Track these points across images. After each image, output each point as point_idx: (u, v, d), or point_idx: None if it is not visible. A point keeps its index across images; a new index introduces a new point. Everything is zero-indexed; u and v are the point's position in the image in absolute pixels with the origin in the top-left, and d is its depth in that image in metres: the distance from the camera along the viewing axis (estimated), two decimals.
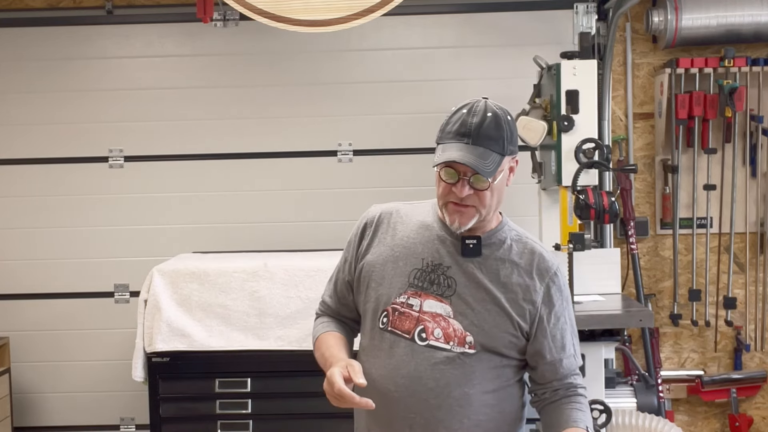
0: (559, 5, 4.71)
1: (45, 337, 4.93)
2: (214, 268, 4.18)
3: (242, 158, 4.90)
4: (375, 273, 2.31)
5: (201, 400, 4.16)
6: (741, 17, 4.62)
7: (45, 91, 4.90)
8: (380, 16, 3.56)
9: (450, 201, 2.20)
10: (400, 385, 2.23)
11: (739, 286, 4.91)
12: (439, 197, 2.23)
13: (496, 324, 2.22)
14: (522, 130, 4.02)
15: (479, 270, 2.24)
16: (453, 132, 2.17)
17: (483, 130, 2.14)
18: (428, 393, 2.22)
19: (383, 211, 2.39)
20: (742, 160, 4.86)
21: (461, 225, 2.20)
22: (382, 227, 2.35)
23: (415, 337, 2.22)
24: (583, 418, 2.25)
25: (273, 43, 4.80)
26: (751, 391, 4.91)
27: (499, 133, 2.16)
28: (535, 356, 2.28)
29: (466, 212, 2.19)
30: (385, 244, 2.32)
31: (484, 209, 2.20)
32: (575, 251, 3.83)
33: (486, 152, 2.14)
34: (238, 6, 3.57)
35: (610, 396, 3.84)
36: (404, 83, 4.83)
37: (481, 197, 2.18)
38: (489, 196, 2.18)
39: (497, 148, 2.16)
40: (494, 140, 2.15)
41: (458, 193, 2.16)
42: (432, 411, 2.22)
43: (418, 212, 2.35)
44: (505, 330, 2.23)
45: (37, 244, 4.94)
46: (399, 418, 2.23)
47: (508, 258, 2.26)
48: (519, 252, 2.28)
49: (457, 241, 2.26)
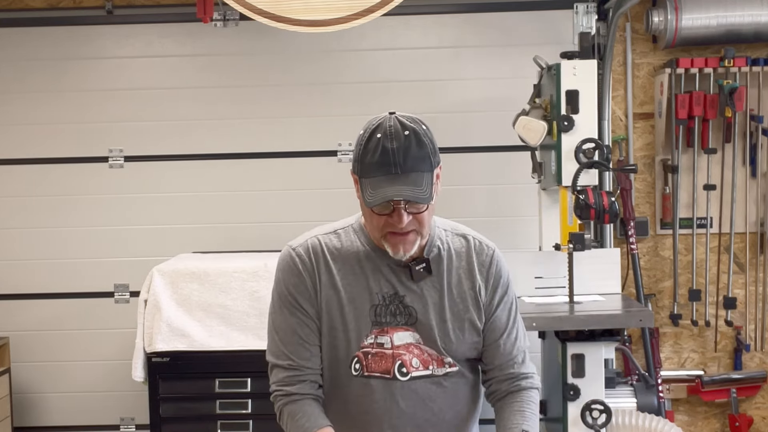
0: (559, 5, 4.71)
1: (45, 337, 4.93)
2: (214, 268, 4.18)
3: (242, 158, 4.91)
4: (332, 320, 2.16)
5: (201, 400, 4.16)
6: (741, 17, 4.62)
7: (45, 91, 4.90)
8: (380, 16, 3.56)
9: (388, 232, 2.08)
10: (396, 426, 2.18)
11: (739, 286, 4.91)
12: (375, 230, 2.11)
13: (462, 336, 2.20)
14: (522, 130, 4.02)
15: (432, 288, 2.18)
16: (376, 163, 2.02)
17: (409, 155, 2.01)
18: (425, 423, 2.20)
19: (311, 249, 2.20)
20: (742, 160, 4.86)
21: (406, 252, 2.10)
22: (320, 268, 2.18)
23: (396, 374, 2.15)
24: (520, 421, 2.20)
25: (273, 43, 4.80)
26: (751, 391, 4.91)
27: (424, 152, 2.04)
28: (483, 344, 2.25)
29: (408, 239, 2.09)
30: (332, 287, 2.17)
31: (425, 229, 2.11)
32: (575, 251, 3.83)
33: (418, 176, 2.02)
34: (238, 6, 3.57)
35: (610, 396, 3.84)
36: (404, 83, 4.83)
37: (420, 220, 2.08)
38: (427, 216, 2.09)
39: (426, 167, 2.04)
40: (421, 160, 2.03)
41: (398, 224, 2.04)
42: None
43: (348, 243, 2.20)
44: (471, 338, 2.21)
45: (36, 244, 4.94)
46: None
47: (452, 265, 2.21)
48: (458, 252, 2.22)
49: (404, 268, 2.16)
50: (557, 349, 3.81)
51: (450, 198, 4.88)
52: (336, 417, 2.21)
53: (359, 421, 2.20)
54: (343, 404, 2.21)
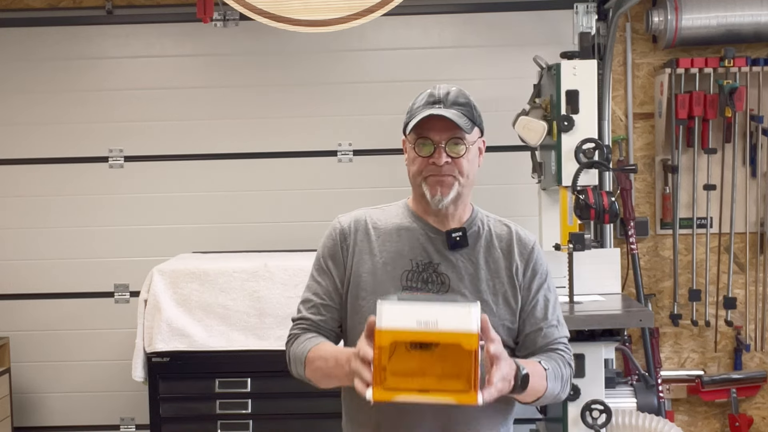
0: (559, 5, 4.71)
1: (45, 337, 4.93)
2: (214, 268, 4.18)
3: (242, 158, 4.91)
4: (364, 283, 2.23)
5: (201, 400, 4.16)
6: (741, 17, 4.62)
7: (45, 91, 4.90)
8: (380, 16, 3.56)
9: (428, 175, 2.20)
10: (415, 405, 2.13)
11: (739, 286, 4.91)
12: (416, 175, 2.22)
13: (493, 312, 2.21)
14: (522, 130, 4.02)
15: (468, 261, 2.24)
16: (423, 104, 2.22)
17: (451, 97, 2.22)
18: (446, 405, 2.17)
19: (354, 219, 2.32)
20: (742, 160, 4.86)
21: (443, 195, 2.19)
22: (359, 236, 2.28)
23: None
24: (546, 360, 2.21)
25: (273, 43, 4.80)
26: (751, 391, 4.91)
27: (468, 101, 2.24)
28: (520, 328, 2.26)
29: (446, 182, 2.19)
30: (368, 252, 2.26)
31: (463, 178, 2.20)
32: (575, 251, 3.83)
33: (459, 115, 2.18)
34: (238, 6, 3.57)
35: (610, 396, 3.83)
36: (404, 83, 4.82)
37: (459, 165, 2.19)
38: (466, 165, 2.20)
39: (468, 113, 2.21)
40: (464, 106, 2.22)
41: (437, 162, 2.17)
42: (451, 414, 2.18)
43: (392, 216, 2.31)
44: (502, 317, 2.23)
45: (37, 244, 4.94)
46: (417, 423, 2.18)
47: (491, 243, 2.27)
48: (498, 235, 2.29)
49: (442, 237, 2.24)
50: None
51: None
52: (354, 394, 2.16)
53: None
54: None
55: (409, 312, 1.87)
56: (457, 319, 1.86)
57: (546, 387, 2.17)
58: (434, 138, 2.18)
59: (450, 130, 2.18)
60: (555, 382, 2.21)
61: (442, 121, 2.17)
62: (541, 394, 2.18)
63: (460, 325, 1.85)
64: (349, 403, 2.31)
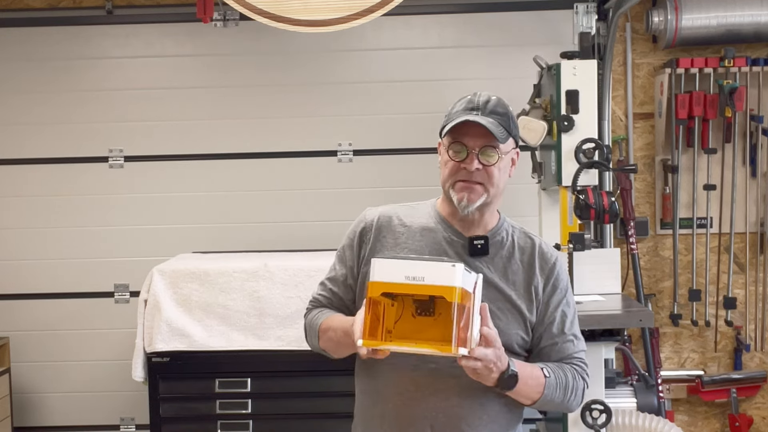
0: (559, 5, 4.71)
1: (45, 337, 4.93)
2: (214, 268, 4.18)
3: (242, 158, 4.91)
4: None
5: (201, 400, 4.16)
6: (741, 17, 4.62)
7: (45, 91, 4.90)
8: (380, 16, 3.56)
9: (458, 179, 2.22)
10: (420, 385, 2.21)
11: (739, 286, 4.91)
12: (447, 178, 2.24)
13: (508, 322, 2.23)
14: (522, 130, 4.01)
15: (488, 269, 2.24)
16: (461, 110, 2.24)
17: (490, 106, 2.23)
18: (449, 391, 2.21)
19: (381, 214, 2.36)
20: (742, 160, 4.86)
21: (470, 202, 2.22)
22: (383, 231, 2.32)
23: None
24: (553, 368, 2.24)
25: (273, 43, 4.80)
26: (751, 391, 4.91)
27: (506, 111, 2.25)
28: (536, 342, 2.29)
29: (475, 189, 2.21)
30: (389, 248, 2.29)
31: (492, 188, 2.22)
32: (575, 251, 3.83)
33: (496, 124, 2.20)
34: (238, 6, 3.57)
35: (610, 396, 3.83)
36: (404, 83, 4.83)
37: (489, 174, 2.21)
38: (497, 174, 2.22)
39: (505, 123, 2.23)
40: (501, 116, 2.23)
41: (468, 167, 2.19)
42: (454, 408, 2.21)
43: (419, 215, 2.34)
44: (516, 329, 2.25)
45: (37, 244, 4.94)
46: (420, 417, 2.21)
47: (513, 255, 2.29)
48: (521, 247, 2.31)
49: (464, 242, 2.26)
50: None
51: None
52: (363, 372, 2.29)
53: (387, 374, 2.23)
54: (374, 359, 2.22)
55: (400, 268, 2.02)
56: (441, 275, 1.99)
57: (542, 393, 2.21)
58: (468, 144, 2.20)
59: (484, 137, 2.20)
60: (558, 392, 2.24)
61: (478, 128, 2.20)
62: (535, 398, 2.21)
63: (444, 280, 1.99)
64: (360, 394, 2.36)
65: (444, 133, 2.23)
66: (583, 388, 2.32)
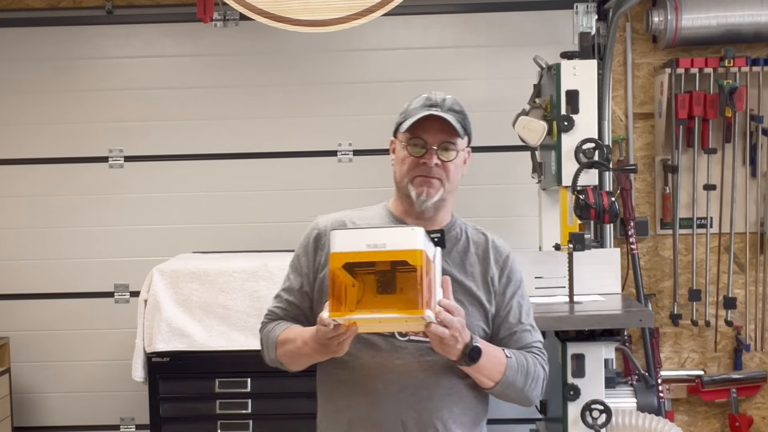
0: (559, 5, 4.71)
1: (45, 337, 4.93)
2: (214, 268, 4.18)
3: (242, 158, 4.91)
4: None
5: (201, 400, 4.16)
6: (741, 17, 4.62)
7: (45, 91, 4.90)
8: (380, 16, 3.56)
9: (417, 175, 2.25)
10: (388, 381, 2.22)
11: (739, 286, 4.91)
12: (405, 174, 2.28)
13: (470, 314, 2.26)
14: (522, 130, 4.02)
15: (445, 262, 2.27)
16: (419, 106, 2.28)
17: (448, 103, 2.28)
18: (418, 385, 2.23)
19: (334, 219, 2.39)
20: (742, 160, 4.86)
21: (428, 197, 2.26)
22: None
23: (395, 333, 2.23)
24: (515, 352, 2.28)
25: (273, 43, 4.80)
26: (751, 391, 4.91)
27: (462, 109, 2.30)
28: (494, 332, 2.32)
29: (433, 183, 2.25)
30: None
31: (449, 183, 2.27)
32: (575, 251, 3.82)
33: (453, 120, 2.25)
34: (238, 6, 3.58)
35: (610, 396, 3.83)
36: (404, 83, 4.82)
37: (447, 169, 2.25)
38: (453, 170, 2.26)
39: (462, 121, 2.28)
40: (459, 113, 2.28)
41: (428, 162, 2.23)
42: (423, 403, 2.23)
43: (371, 217, 2.37)
44: (479, 320, 2.29)
45: (37, 244, 4.94)
46: (390, 415, 2.23)
47: (468, 249, 2.34)
48: (476, 242, 2.36)
49: None
50: (557, 349, 3.81)
51: None
52: (329, 366, 2.28)
53: (353, 377, 2.25)
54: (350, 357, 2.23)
55: (360, 236, 2.03)
56: (403, 239, 2.01)
57: (504, 374, 2.23)
58: (428, 139, 2.25)
59: (443, 134, 2.24)
60: (519, 375, 2.27)
61: (437, 124, 2.23)
62: (497, 378, 2.24)
63: (406, 244, 2.00)
64: (323, 402, 2.38)
65: (404, 129, 2.27)
66: (544, 378, 2.35)
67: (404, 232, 2.02)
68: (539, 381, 2.33)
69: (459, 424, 2.27)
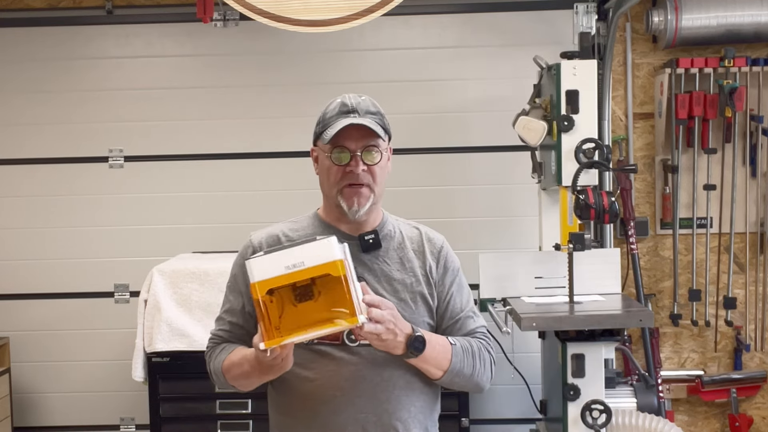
0: (559, 5, 4.71)
1: (45, 337, 4.93)
2: (214, 268, 4.18)
3: (242, 158, 4.91)
4: None
5: (201, 400, 4.16)
6: (741, 17, 4.62)
7: (45, 91, 4.90)
8: (380, 16, 3.56)
9: (345, 185, 2.25)
10: (345, 389, 2.22)
11: (739, 286, 4.91)
12: (333, 185, 2.28)
13: (414, 311, 2.28)
14: (522, 130, 4.02)
15: (383, 263, 2.29)
16: (336, 114, 2.29)
17: (363, 106, 2.28)
18: (375, 388, 2.23)
19: (268, 235, 2.39)
20: (742, 160, 4.86)
21: (360, 206, 2.25)
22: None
23: (345, 340, 2.23)
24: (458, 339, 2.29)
25: (273, 43, 4.80)
26: (751, 391, 4.91)
27: (378, 110, 2.30)
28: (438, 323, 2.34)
29: (363, 192, 2.25)
30: None
31: (377, 187, 2.26)
32: (575, 251, 3.82)
33: (372, 122, 2.25)
34: (238, 6, 3.57)
35: (610, 396, 3.83)
36: (404, 83, 4.83)
37: (373, 173, 2.25)
38: (380, 172, 2.26)
39: (380, 121, 2.28)
40: (376, 114, 2.28)
41: (354, 169, 2.22)
42: (382, 405, 2.24)
43: (303, 228, 2.37)
44: (424, 316, 2.30)
45: (37, 244, 4.94)
46: (351, 422, 2.23)
47: (404, 245, 2.34)
48: (410, 237, 2.37)
49: (355, 241, 2.28)
50: (557, 349, 3.81)
51: (450, 198, 4.89)
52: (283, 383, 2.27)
53: (308, 388, 2.24)
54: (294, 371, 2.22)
55: (277, 260, 2.03)
56: (319, 253, 2.02)
57: (450, 360, 2.24)
58: (350, 146, 2.24)
59: (365, 138, 2.24)
60: (465, 361, 2.28)
61: (358, 130, 2.23)
62: (445, 366, 2.24)
63: (324, 257, 2.01)
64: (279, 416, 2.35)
65: (326, 140, 2.26)
66: (491, 361, 2.36)
67: (319, 246, 2.02)
68: (486, 365, 2.34)
69: (417, 422, 2.29)
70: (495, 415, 4.80)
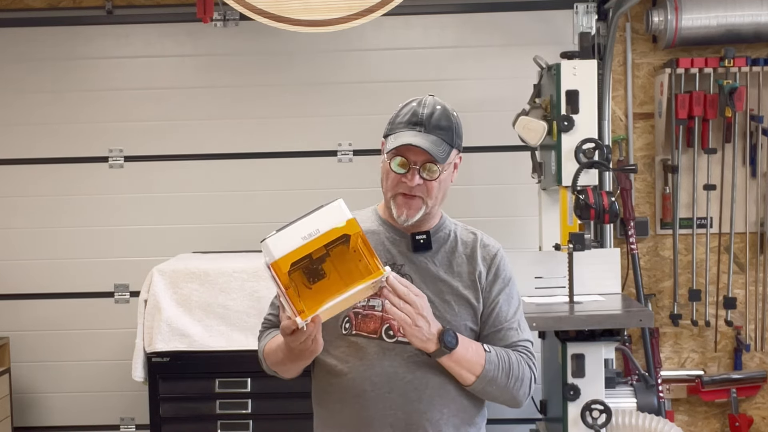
0: (559, 5, 4.71)
1: (45, 337, 4.93)
2: (214, 268, 4.18)
3: (242, 158, 4.91)
4: None
5: (201, 400, 4.16)
6: (741, 17, 4.62)
7: (45, 91, 4.90)
8: (380, 16, 3.56)
9: (399, 192, 2.24)
10: (376, 384, 2.22)
11: (739, 286, 4.91)
12: (388, 189, 2.27)
13: (458, 313, 2.26)
14: (522, 130, 4.02)
15: (432, 263, 2.28)
16: (404, 122, 2.25)
17: (434, 120, 2.23)
18: (407, 386, 2.22)
19: None
20: (742, 160, 4.86)
21: (409, 217, 2.25)
22: None
23: (382, 335, 2.23)
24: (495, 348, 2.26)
25: (273, 43, 4.80)
26: (751, 391, 4.91)
27: (449, 124, 2.25)
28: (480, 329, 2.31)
29: (414, 203, 2.24)
30: None
31: (431, 200, 2.25)
32: (575, 251, 3.83)
33: (438, 140, 2.21)
34: (238, 6, 3.58)
35: (610, 396, 3.84)
36: (404, 83, 4.82)
37: (429, 188, 2.23)
38: (437, 187, 2.24)
39: (448, 138, 2.24)
40: (445, 130, 2.23)
41: (409, 182, 2.21)
42: (413, 404, 2.22)
43: (362, 220, 2.32)
44: (466, 319, 2.28)
45: (36, 244, 4.94)
46: (379, 417, 2.22)
47: (456, 248, 2.33)
48: (464, 241, 2.35)
49: (406, 240, 2.29)
50: (557, 349, 3.81)
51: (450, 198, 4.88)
52: (320, 374, 2.31)
53: (342, 382, 2.25)
54: (329, 362, 2.26)
55: (291, 233, 2.01)
56: (331, 218, 2.02)
57: (484, 367, 2.21)
58: (410, 158, 2.21)
59: (426, 154, 2.21)
60: (500, 371, 2.24)
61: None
62: (478, 371, 2.21)
63: (336, 221, 2.02)
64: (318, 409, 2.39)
65: (387, 149, 2.24)
66: (531, 378, 2.31)
67: (329, 211, 2.03)
68: (525, 381, 2.29)
69: (451, 426, 2.26)
70: (495, 415, 4.77)
